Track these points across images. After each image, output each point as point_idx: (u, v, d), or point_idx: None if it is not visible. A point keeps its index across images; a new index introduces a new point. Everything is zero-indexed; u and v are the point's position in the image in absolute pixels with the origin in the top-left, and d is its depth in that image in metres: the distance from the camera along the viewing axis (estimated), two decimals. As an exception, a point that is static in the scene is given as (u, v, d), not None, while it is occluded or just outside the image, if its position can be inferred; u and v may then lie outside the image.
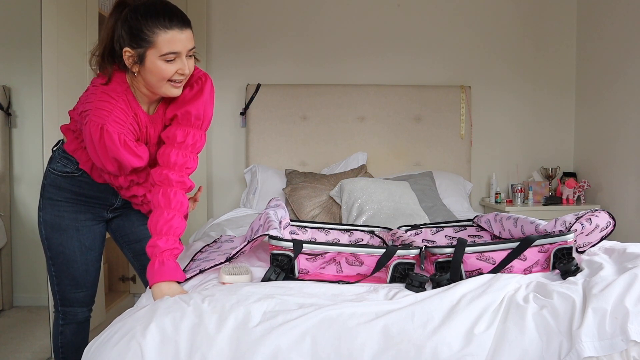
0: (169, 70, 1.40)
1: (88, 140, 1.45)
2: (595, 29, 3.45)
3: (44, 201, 1.68)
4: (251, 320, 1.12)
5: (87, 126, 1.41)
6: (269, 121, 3.44)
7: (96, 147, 1.43)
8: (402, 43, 3.58)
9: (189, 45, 1.41)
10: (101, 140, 1.41)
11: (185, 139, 1.51)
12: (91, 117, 1.40)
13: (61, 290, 1.74)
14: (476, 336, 1.09)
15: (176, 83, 1.45)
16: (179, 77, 1.43)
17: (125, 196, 1.66)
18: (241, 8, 3.53)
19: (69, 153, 1.65)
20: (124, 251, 1.85)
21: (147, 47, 1.38)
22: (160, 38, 1.37)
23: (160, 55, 1.38)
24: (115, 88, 1.46)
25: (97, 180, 1.66)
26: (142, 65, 1.41)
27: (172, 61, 1.40)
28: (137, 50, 1.39)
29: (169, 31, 1.37)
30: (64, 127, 1.69)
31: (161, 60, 1.39)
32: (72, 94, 2.65)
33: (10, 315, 3.04)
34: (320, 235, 1.91)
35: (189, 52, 1.42)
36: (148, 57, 1.39)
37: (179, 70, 1.42)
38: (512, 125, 3.65)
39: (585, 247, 1.53)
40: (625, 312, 1.10)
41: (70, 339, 1.78)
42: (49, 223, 1.67)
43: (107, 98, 1.43)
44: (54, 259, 1.70)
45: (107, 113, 1.41)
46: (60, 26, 2.50)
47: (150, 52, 1.39)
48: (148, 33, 1.37)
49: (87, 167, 1.63)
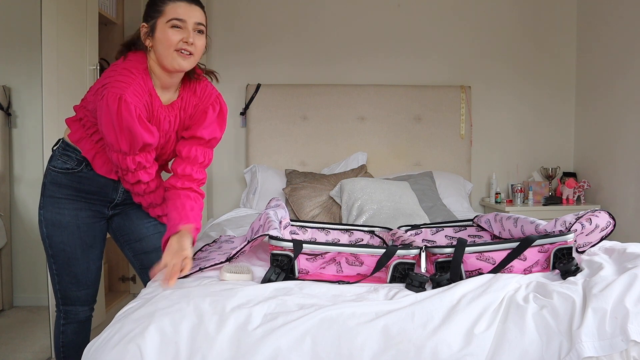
0: (174, 38, 1.49)
1: (104, 114, 1.47)
2: (595, 28, 3.45)
3: (45, 199, 1.69)
4: (252, 322, 1.12)
5: (105, 99, 1.45)
6: (269, 121, 3.44)
7: (113, 119, 1.46)
8: (402, 43, 3.58)
9: (194, 17, 1.50)
10: (119, 110, 1.45)
11: (205, 158, 1.70)
12: (109, 89, 1.45)
13: (62, 288, 1.74)
14: (476, 336, 1.09)
15: (184, 54, 1.51)
16: (184, 45, 1.50)
17: (130, 182, 1.63)
18: (241, 8, 3.53)
19: (72, 143, 1.66)
20: (124, 251, 1.85)
21: (157, 17, 1.50)
22: (169, 7, 1.50)
23: (167, 22, 1.49)
24: (136, 65, 1.53)
25: (99, 171, 1.66)
26: (153, 36, 1.52)
27: (178, 29, 1.49)
28: (150, 22, 1.52)
29: (177, 2, 1.50)
30: (69, 119, 1.70)
31: (167, 27, 1.49)
32: (72, 94, 2.65)
33: (10, 315, 3.04)
34: (320, 235, 1.91)
35: (196, 25, 1.51)
36: (158, 26, 1.50)
37: (183, 39, 1.49)
38: (512, 125, 3.65)
39: (585, 247, 1.53)
40: (625, 312, 1.10)
41: (71, 338, 1.78)
42: (49, 221, 1.68)
43: (127, 73, 1.50)
44: (55, 257, 1.70)
45: (126, 85, 1.47)
46: (60, 26, 2.50)
47: (160, 20, 1.50)
48: (160, 4, 1.51)
49: (90, 155, 1.64)
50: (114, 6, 3.39)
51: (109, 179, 1.70)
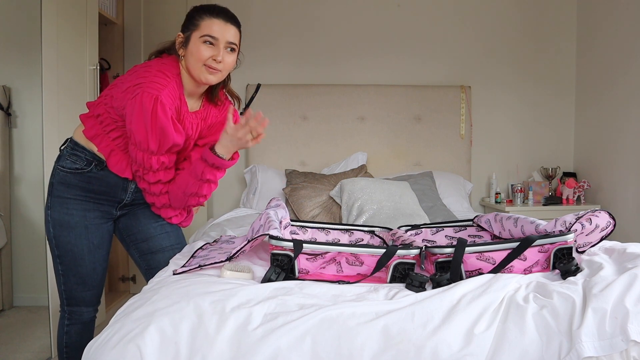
0: (205, 53, 1.56)
1: (137, 112, 1.50)
2: (595, 28, 3.45)
3: (53, 199, 1.68)
4: (252, 322, 1.12)
5: (139, 97, 1.49)
6: (269, 121, 3.44)
7: (146, 118, 1.50)
8: (402, 43, 3.58)
9: (228, 36, 1.58)
10: (154, 110, 1.49)
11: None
12: (145, 89, 1.49)
13: (68, 289, 1.74)
14: (476, 336, 1.09)
15: (211, 69, 1.58)
16: (213, 63, 1.57)
17: (150, 181, 1.64)
18: (241, 8, 3.52)
19: (80, 142, 1.66)
20: (130, 251, 1.85)
21: (192, 30, 1.58)
22: (204, 22, 1.57)
23: (200, 37, 1.56)
24: (170, 69, 1.59)
25: (112, 169, 1.66)
26: (186, 47, 1.59)
27: (210, 45, 1.57)
28: (186, 33, 1.60)
29: (213, 19, 1.57)
30: (83, 116, 1.70)
31: (200, 42, 1.56)
32: (72, 94, 2.65)
33: (10, 315, 3.04)
34: (320, 235, 1.91)
35: (227, 44, 1.59)
36: (192, 39, 1.58)
37: (213, 56, 1.56)
38: (512, 125, 3.65)
39: (585, 247, 1.53)
40: (625, 312, 1.10)
41: (75, 339, 1.78)
42: (57, 221, 1.68)
43: (162, 75, 1.55)
44: (61, 257, 1.70)
45: (161, 87, 1.52)
46: (60, 26, 2.50)
47: (194, 34, 1.57)
48: (197, 18, 1.58)
49: (106, 152, 1.65)
50: (114, 6, 3.39)
51: (119, 179, 1.70)
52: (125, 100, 1.54)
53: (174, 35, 1.68)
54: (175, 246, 1.84)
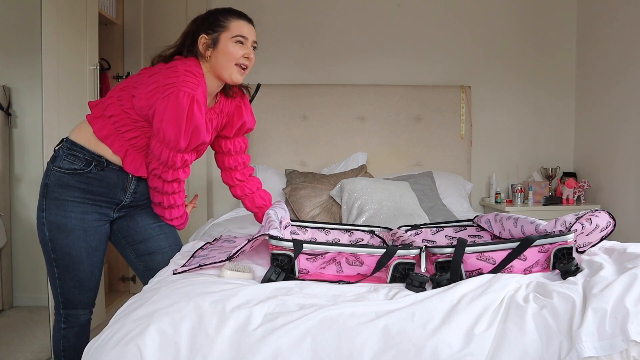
0: (238, 52, 1.67)
1: (171, 111, 1.53)
2: (595, 29, 3.45)
3: (48, 201, 1.64)
4: (252, 322, 1.12)
5: (174, 96, 1.52)
6: (269, 121, 3.44)
7: (180, 117, 1.53)
8: (402, 43, 3.58)
9: (253, 36, 1.72)
10: (190, 108, 1.53)
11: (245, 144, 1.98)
12: (180, 88, 1.53)
13: (65, 292, 1.71)
14: (476, 336, 1.09)
15: (241, 69, 1.69)
16: (245, 61, 1.69)
17: (168, 179, 1.65)
18: (241, 8, 3.52)
19: (98, 140, 1.64)
20: (125, 253, 1.83)
21: (221, 31, 1.66)
22: (233, 24, 1.67)
23: (232, 37, 1.66)
24: (197, 70, 1.63)
25: (127, 169, 1.66)
26: (215, 48, 1.66)
27: (241, 45, 1.68)
28: (212, 35, 1.66)
29: (240, 20, 1.69)
30: (90, 117, 1.68)
31: (232, 42, 1.66)
32: (72, 94, 2.65)
33: (10, 315, 3.04)
34: (320, 235, 1.91)
35: (253, 42, 1.72)
36: (221, 40, 1.66)
37: (245, 54, 1.68)
38: (512, 125, 3.65)
39: (585, 247, 1.53)
40: (625, 312, 1.10)
41: (73, 342, 1.76)
42: (54, 224, 1.64)
43: (192, 76, 1.59)
44: (58, 260, 1.67)
45: (195, 86, 1.57)
46: (60, 26, 2.50)
47: (224, 35, 1.66)
48: (223, 20, 1.67)
49: (122, 151, 1.65)
50: (114, 6, 3.39)
51: (120, 179, 1.69)
52: (153, 100, 1.56)
53: (175, 35, 1.69)
54: (174, 247, 1.84)
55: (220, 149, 1.95)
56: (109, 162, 1.67)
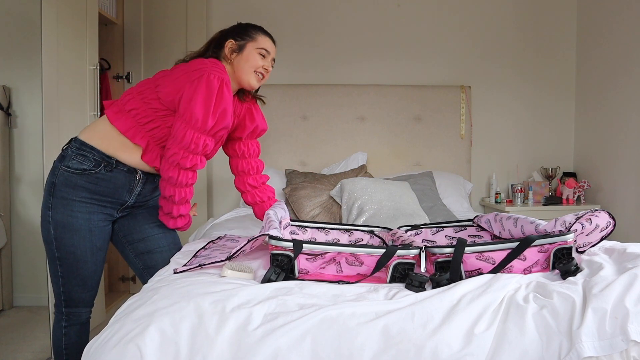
0: (259, 62, 1.82)
1: (201, 91, 1.61)
2: (595, 29, 3.45)
3: (55, 200, 1.65)
4: (252, 322, 1.12)
5: (205, 78, 1.62)
6: (269, 121, 3.42)
7: (210, 97, 1.62)
8: (402, 43, 3.59)
9: (274, 54, 1.88)
10: (220, 89, 1.63)
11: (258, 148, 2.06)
12: (211, 72, 1.64)
13: (67, 290, 1.73)
14: (476, 336, 1.09)
15: (259, 77, 1.84)
16: (263, 71, 1.83)
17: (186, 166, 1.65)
18: (241, 8, 3.53)
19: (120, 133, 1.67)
20: (125, 252, 1.85)
21: (248, 40, 1.82)
22: (261, 37, 1.84)
23: (257, 48, 1.82)
24: (223, 67, 1.75)
25: (145, 159, 1.69)
26: (240, 53, 1.81)
27: (262, 57, 1.83)
28: (240, 42, 1.81)
29: (267, 37, 1.86)
30: (110, 112, 1.70)
31: (256, 52, 1.81)
32: (72, 94, 2.65)
33: (10, 315, 3.04)
34: (320, 235, 1.91)
35: (272, 59, 1.87)
36: (247, 47, 1.81)
37: (264, 65, 1.83)
38: (512, 125, 3.65)
39: (585, 247, 1.53)
40: (625, 312, 1.10)
41: (74, 340, 1.78)
42: (60, 223, 1.65)
43: (219, 67, 1.70)
44: (62, 259, 1.68)
45: (223, 73, 1.68)
46: (60, 26, 2.50)
47: (251, 44, 1.81)
48: (252, 32, 1.84)
49: (144, 142, 1.69)
50: (114, 6, 3.39)
51: (127, 180, 1.71)
52: (179, 84, 1.64)
53: (175, 35, 1.70)
54: (172, 246, 1.86)
55: (235, 152, 2.01)
56: (119, 162, 1.68)
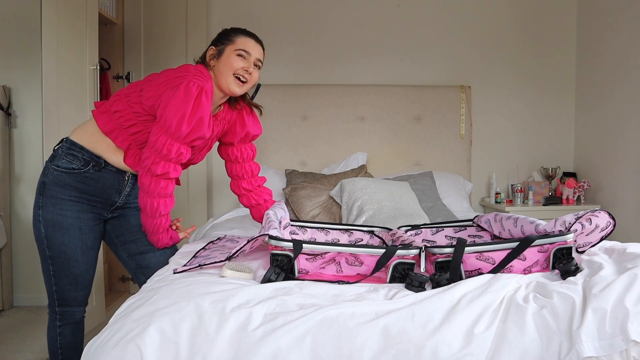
0: (238, 64, 1.73)
1: (179, 97, 1.59)
2: (595, 29, 3.45)
3: (45, 199, 1.66)
4: (252, 322, 1.12)
5: (184, 85, 1.60)
6: (269, 121, 3.44)
7: (187, 104, 1.59)
8: (402, 43, 3.59)
9: (257, 54, 1.78)
10: (198, 97, 1.60)
11: (253, 152, 2.03)
12: (191, 79, 1.61)
13: (60, 290, 1.74)
14: (476, 336, 1.09)
15: (240, 81, 1.76)
16: (244, 73, 1.75)
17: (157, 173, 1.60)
18: (241, 8, 3.53)
19: (103, 134, 1.68)
20: (118, 253, 1.86)
21: (227, 44, 1.76)
22: (240, 39, 1.76)
23: (235, 50, 1.74)
24: (207, 73, 1.73)
25: (127, 163, 1.69)
26: (219, 58, 1.75)
27: (242, 58, 1.74)
28: (219, 47, 1.76)
29: (247, 37, 1.78)
30: (96, 112, 1.72)
31: (234, 54, 1.74)
32: (72, 94, 2.65)
33: (10, 315, 3.04)
34: (320, 235, 1.91)
35: (256, 60, 1.78)
36: (226, 51, 1.75)
37: (244, 67, 1.74)
38: (512, 126, 3.65)
39: (585, 247, 1.53)
40: (625, 312, 1.10)
41: (69, 339, 1.79)
42: (50, 222, 1.66)
43: (201, 75, 1.68)
44: (53, 258, 1.69)
45: (204, 81, 1.66)
46: (60, 26, 2.50)
47: (229, 47, 1.75)
48: (232, 35, 1.77)
49: (125, 145, 1.69)
50: (114, 6, 3.39)
51: (115, 180, 1.71)
52: (161, 90, 1.63)
53: (175, 35, 1.70)
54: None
55: (228, 156, 2.00)
56: (107, 162, 1.70)
